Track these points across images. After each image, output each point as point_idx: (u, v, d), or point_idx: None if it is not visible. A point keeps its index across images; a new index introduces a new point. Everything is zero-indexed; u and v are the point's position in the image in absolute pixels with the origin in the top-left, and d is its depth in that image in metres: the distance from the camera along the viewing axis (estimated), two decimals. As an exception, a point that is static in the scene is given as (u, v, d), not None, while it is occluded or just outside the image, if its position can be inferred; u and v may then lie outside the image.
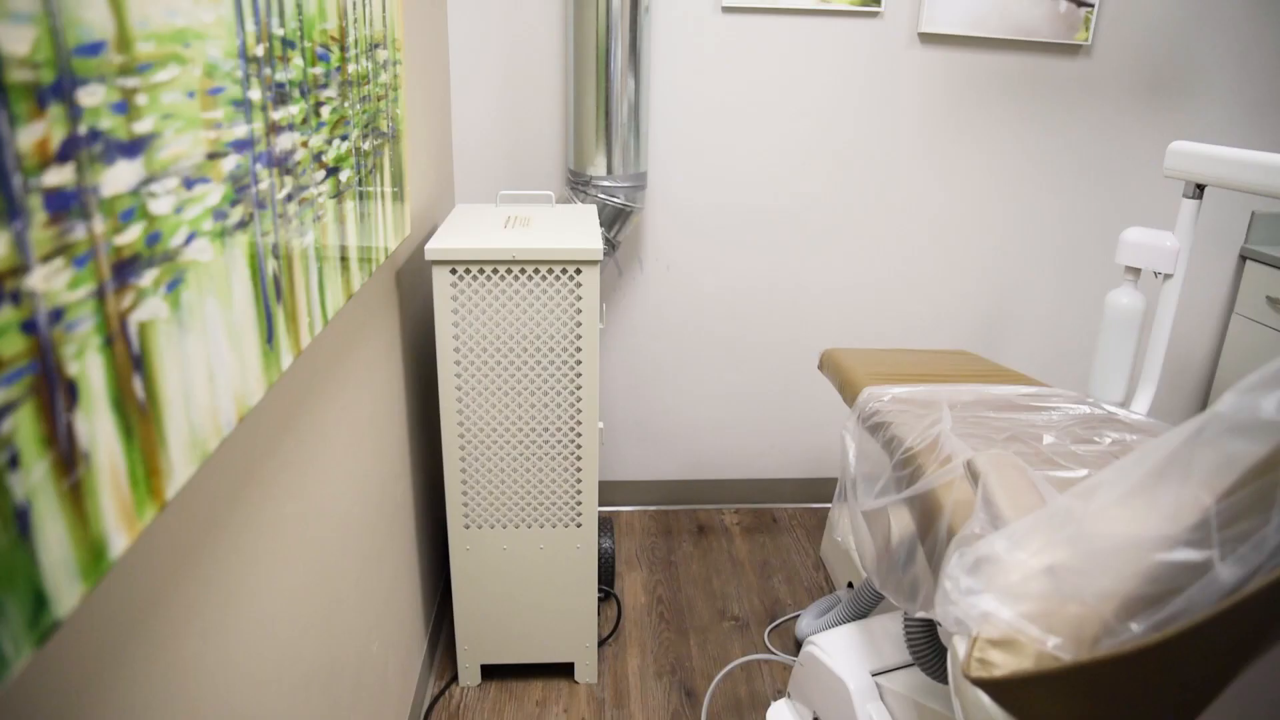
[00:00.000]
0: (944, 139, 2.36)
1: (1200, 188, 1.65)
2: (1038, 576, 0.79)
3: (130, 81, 0.56)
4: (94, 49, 0.51)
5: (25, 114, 0.45)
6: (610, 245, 2.19)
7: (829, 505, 2.66)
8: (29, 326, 0.47)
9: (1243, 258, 2.56)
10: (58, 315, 0.49)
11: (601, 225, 2.10)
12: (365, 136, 1.23)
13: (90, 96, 0.51)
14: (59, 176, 0.48)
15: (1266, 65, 2.37)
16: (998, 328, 2.57)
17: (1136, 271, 1.73)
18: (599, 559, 1.98)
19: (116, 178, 0.54)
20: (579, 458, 1.76)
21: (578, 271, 1.62)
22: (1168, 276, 1.69)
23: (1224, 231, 2.54)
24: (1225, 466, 0.69)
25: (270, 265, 0.82)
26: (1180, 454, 0.72)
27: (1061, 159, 2.41)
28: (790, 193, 2.36)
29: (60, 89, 0.48)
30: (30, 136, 0.45)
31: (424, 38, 1.83)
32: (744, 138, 2.31)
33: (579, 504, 1.79)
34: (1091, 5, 2.24)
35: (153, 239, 0.59)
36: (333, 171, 1.06)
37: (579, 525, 1.81)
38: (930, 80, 2.30)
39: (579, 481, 1.78)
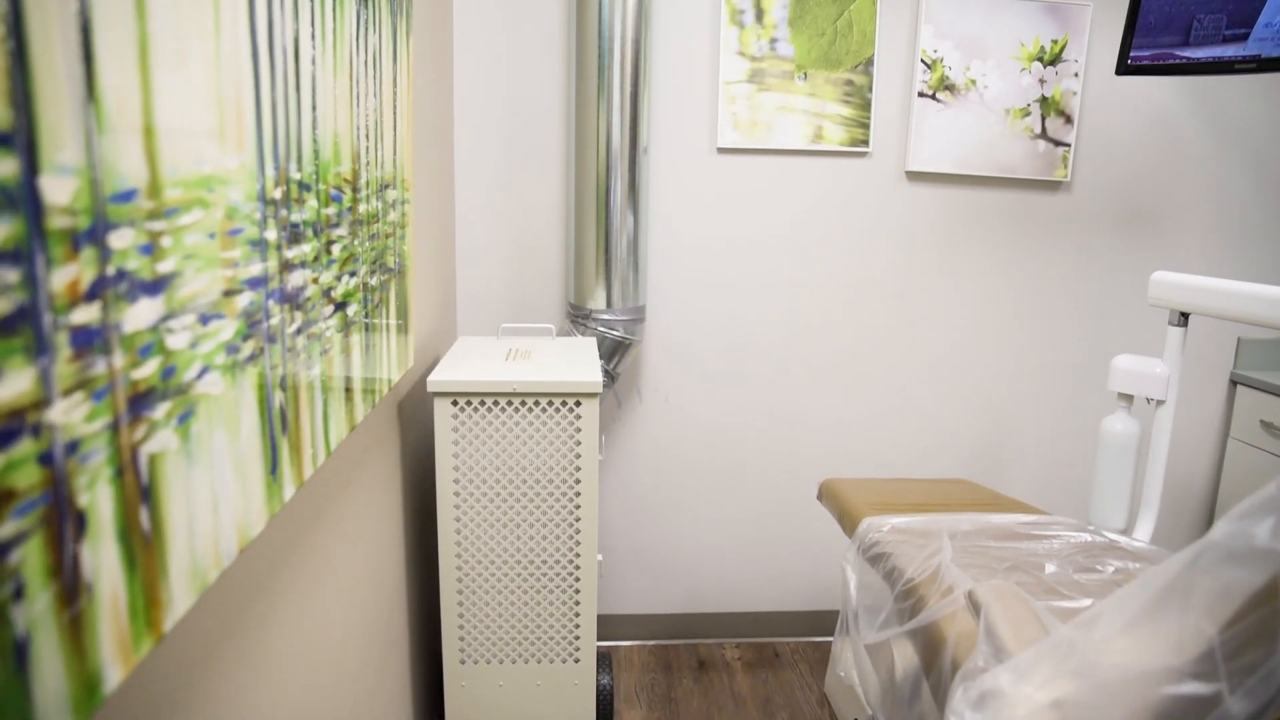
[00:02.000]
0: (934, 271, 2.43)
1: (1185, 316, 1.70)
2: (1045, 711, 0.78)
3: (157, 225, 0.59)
4: (127, 196, 0.55)
5: (61, 257, 0.48)
6: (610, 377, 2.22)
7: (832, 639, 2.59)
8: (45, 459, 0.48)
9: (1233, 382, 2.59)
10: (73, 447, 0.51)
11: (601, 357, 2.13)
12: (373, 272, 1.27)
13: (120, 240, 0.54)
14: (86, 315, 0.51)
15: (1237, 200, 2.48)
16: (996, 455, 2.58)
17: (1129, 398, 1.75)
18: (597, 696, 1.93)
19: (138, 315, 0.57)
20: (577, 590, 1.73)
21: (577, 403, 1.64)
22: (1160, 402, 1.71)
23: (1213, 357, 2.58)
24: (1225, 595, 0.69)
25: (277, 398, 0.84)
26: (1179, 582, 0.72)
27: (1049, 289, 2.48)
28: (786, 325, 2.42)
29: (94, 233, 0.51)
30: (63, 278, 0.48)
31: (431, 176, 1.91)
32: (740, 271, 2.38)
33: (577, 639, 1.76)
34: (1068, 145, 2.35)
35: (168, 373, 0.61)
36: (341, 306, 1.09)
37: (577, 661, 1.77)
38: (919, 215, 2.39)
39: (577, 615, 1.74)
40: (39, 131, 0.45)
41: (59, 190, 0.47)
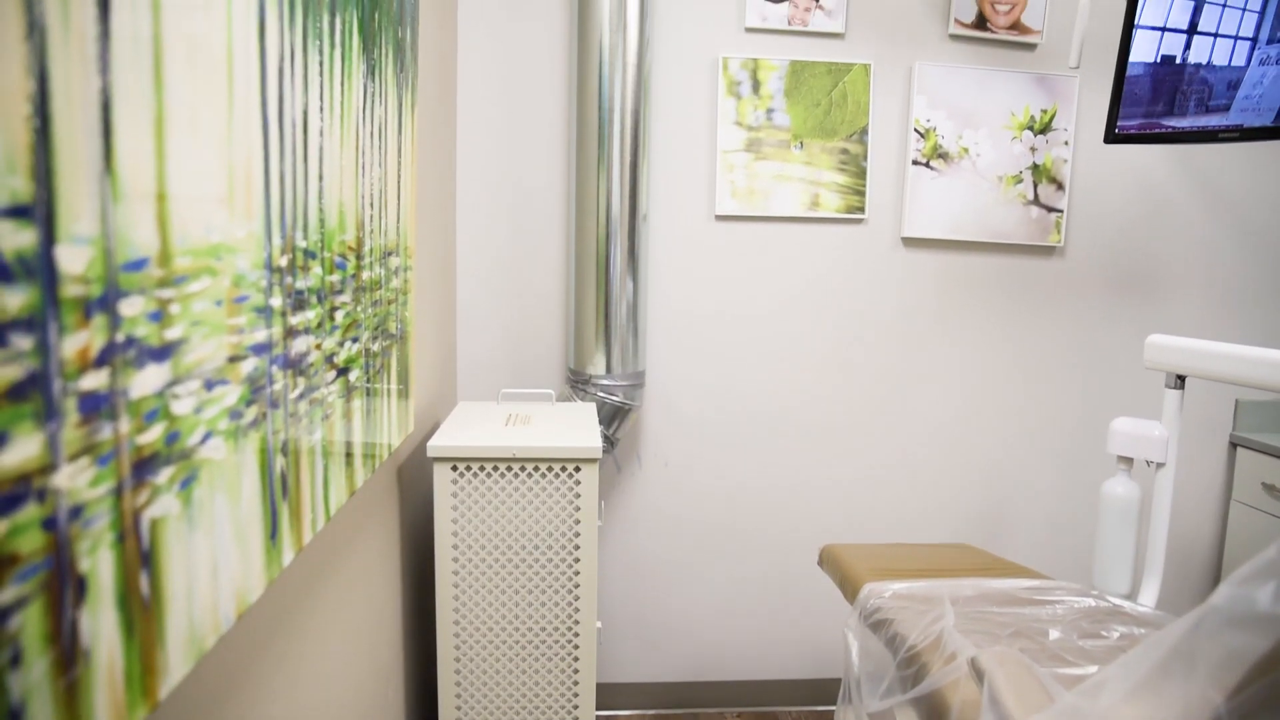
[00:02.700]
0: (932, 335, 2.45)
1: (1181, 378, 1.71)
2: (1052, 782, 0.76)
3: (167, 293, 0.60)
4: (138, 265, 0.56)
5: (72, 325, 0.49)
6: (609, 443, 2.22)
7: (834, 707, 2.54)
8: (49, 524, 0.49)
9: (1233, 444, 2.59)
10: (77, 512, 0.51)
11: (600, 423, 2.14)
12: (375, 338, 1.28)
13: (130, 307, 0.55)
14: (94, 381, 0.52)
15: (1229, 262, 2.51)
16: (996, 518, 2.56)
17: (1129, 461, 1.75)
18: (596, 770, 1.88)
19: (145, 381, 0.58)
20: (576, 659, 1.71)
21: (577, 469, 1.64)
22: (1160, 465, 1.71)
23: (1212, 419, 2.59)
24: (1230, 662, 0.69)
25: (279, 463, 0.84)
26: (1182, 648, 0.72)
27: (1047, 352, 2.49)
28: (786, 389, 2.43)
29: (105, 301, 0.52)
30: (74, 345, 0.49)
31: (433, 242, 1.94)
32: (738, 336, 2.39)
33: (575, 708, 1.72)
34: (1061, 211, 2.39)
35: (172, 438, 0.62)
36: (343, 372, 1.10)
37: (575, 732, 1.73)
38: (916, 280, 2.41)
39: (575, 684, 1.72)
40: (57, 203, 0.46)
41: (74, 260, 0.48)
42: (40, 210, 0.45)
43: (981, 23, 2.31)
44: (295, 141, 0.87)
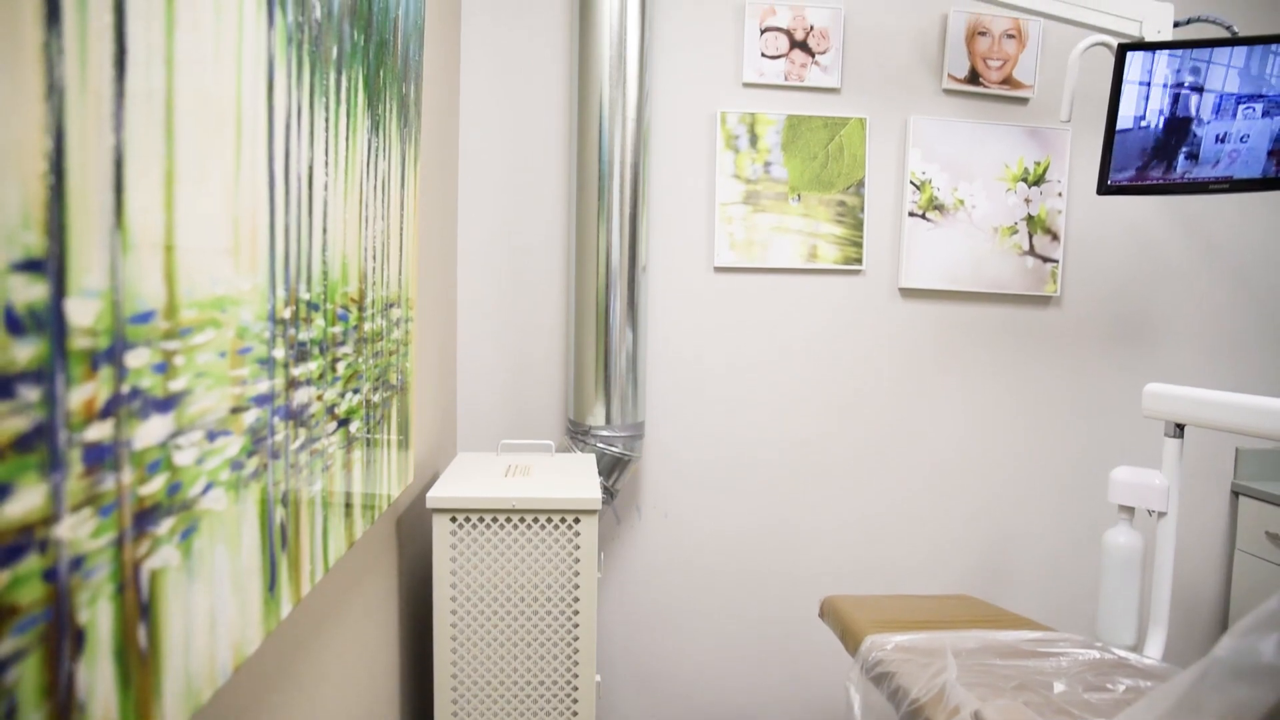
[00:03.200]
0: (930, 385, 2.45)
1: (1180, 427, 1.71)
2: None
3: (172, 344, 0.61)
4: (145, 317, 0.57)
5: (79, 376, 0.49)
6: (609, 494, 2.22)
7: (840, 766, 2.49)
8: (50, 575, 0.49)
9: (1235, 493, 2.58)
10: (78, 563, 0.51)
11: (600, 474, 2.13)
12: (376, 389, 1.29)
13: (136, 359, 0.56)
14: (99, 432, 0.52)
15: (1224, 311, 2.52)
16: (998, 567, 2.54)
17: (1130, 510, 1.75)
18: (595, 829, 1.84)
19: (149, 432, 0.58)
20: (575, 713, 1.68)
21: (576, 520, 1.63)
22: (1162, 514, 1.71)
23: (1213, 467, 2.58)
24: (1235, 715, 0.68)
25: (279, 514, 0.84)
26: (1187, 702, 0.71)
27: (1045, 401, 2.50)
28: (785, 439, 2.42)
29: (112, 353, 0.53)
30: (80, 396, 0.50)
31: (434, 293, 1.96)
32: (738, 386, 2.40)
33: (575, 765, 1.69)
34: (1056, 261, 2.41)
35: (173, 489, 0.62)
36: (344, 423, 1.10)
37: (574, 789, 1.70)
38: (914, 331, 2.43)
39: (575, 739, 1.69)
40: (69, 257, 0.47)
41: (83, 312, 0.49)
42: (52, 264, 0.46)
43: (974, 78, 2.35)
44: (300, 195, 0.89)
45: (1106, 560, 1.75)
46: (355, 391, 1.16)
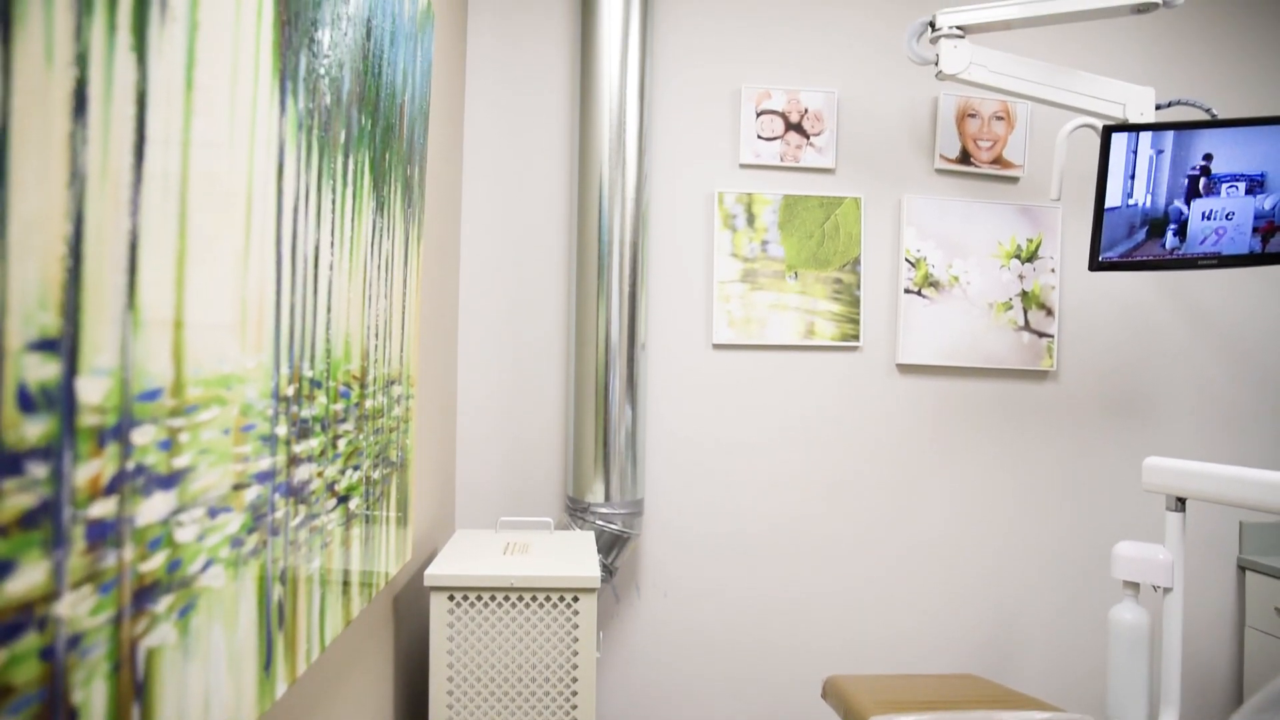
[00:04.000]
0: (931, 460, 2.45)
1: (1182, 501, 1.70)
2: None
3: (177, 421, 0.62)
4: (153, 395, 0.58)
5: (86, 453, 0.50)
6: (608, 572, 2.19)
7: None
8: (47, 653, 0.49)
9: (1242, 568, 2.55)
10: (75, 641, 0.51)
11: (599, 551, 2.12)
12: (376, 466, 1.29)
13: (142, 436, 0.57)
14: (103, 509, 0.53)
15: (1220, 383, 2.54)
16: (1003, 645, 2.50)
17: (1135, 586, 1.73)
18: None
19: (152, 509, 0.59)
20: (574, 800, 1.63)
21: (575, 599, 1.61)
22: (1167, 590, 1.69)
23: (1218, 542, 2.55)
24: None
25: (276, 591, 0.84)
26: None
27: (1046, 475, 2.49)
28: (785, 515, 2.41)
29: (119, 430, 0.54)
30: (87, 473, 0.50)
31: (435, 370, 1.97)
32: (738, 463, 2.39)
33: None
34: (1051, 336, 2.43)
35: (173, 566, 0.62)
36: (344, 500, 1.10)
37: None
38: (912, 406, 2.44)
39: (574, 828, 1.64)
40: (82, 337, 0.48)
41: (93, 390, 0.50)
42: (66, 344, 0.47)
43: (965, 158, 2.41)
44: (306, 274, 0.90)
45: (1113, 638, 1.72)
46: (355, 468, 1.16)
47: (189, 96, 0.61)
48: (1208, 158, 1.89)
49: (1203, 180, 1.90)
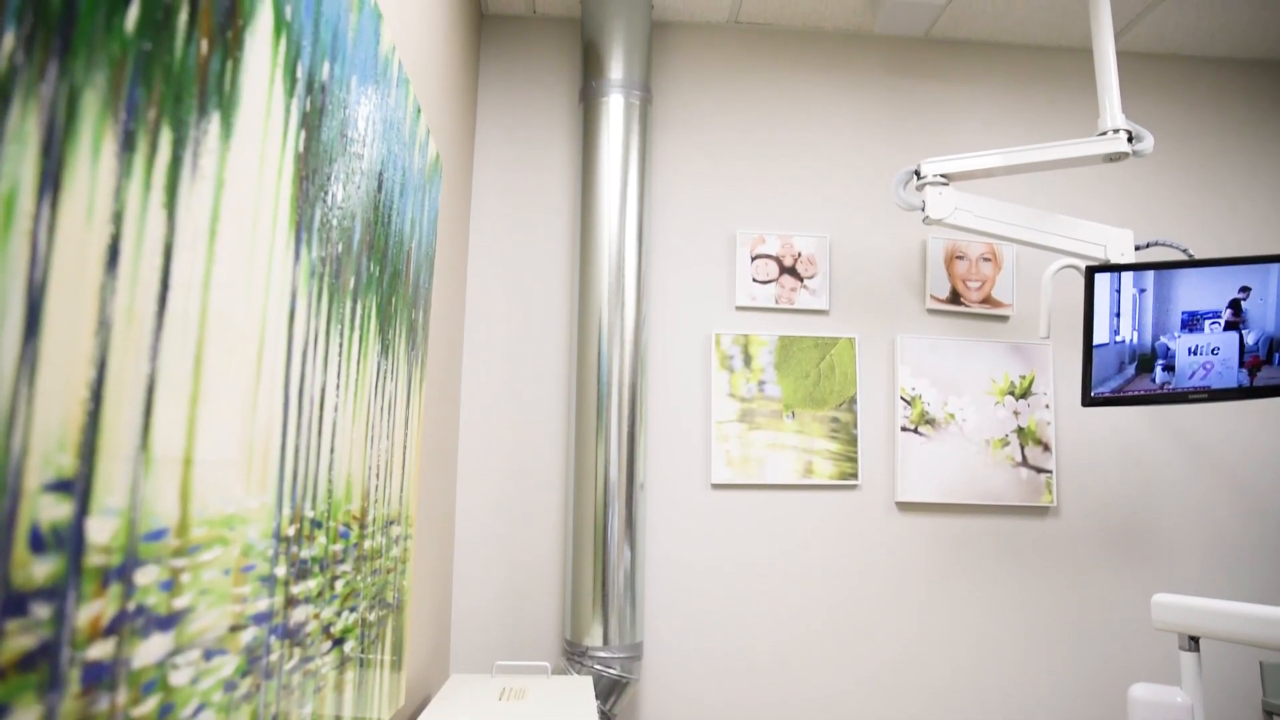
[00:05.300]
0: (934, 598, 2.40)
1: (1194, 639, 1.66)
2: None
3: (180, 561, 0.62)
4: (158, 535, 0.59)
5: (90, 594, 0.51)
6: (606, 719, 2.12)
7: None
8: (34, 803, 0.48)
9: (1268, 713, 2.45)
10: (64, 791, 0.50)
11: (597, 697, 2.05)
12: (372, 608, 1.28)
13: (145, 576, 0.57)
14: (101, 650, 0.53)
15: (1223, 517, 2.51)
16: (1027, 805, 2.38)
17: (1154, 736, 1.67)
18: None
19: (148, 651, 0.58)
20: None
21: (574, 745, 1.55)
22: (1188, 741, 1.62)
23: (1238, 684, 2.47)
24: None
25: (267, 739, 0.82)
26: None
27: (1049, 612, 2.43)
28: (787, 656, 2.35)
29: (123, 570, 0.54)
30: (88, 614, 0.51)
31: (433, 510, 1.96)
32: (739, 604, 2.35)
33: None
34: (1050, 471, 2.44)
35: (165, 710, 0.61)
36: (339, 642, 1.09)
37: None
38: (913, 544, 2.41)
39: None
40: (95, 478, 0.50)
41: (102, 530, 0.51)
42: (80, 485, 0.48)
43: (955, 298, 2.48)
44: (312, 416, 0.93)
45: (1136, 789, 1.64)
46: (352, 610, 1.15)
47: (211, 245, 0.65)
48: (1187, 295, 1.95)
49: (1185, 316, 1.95)
